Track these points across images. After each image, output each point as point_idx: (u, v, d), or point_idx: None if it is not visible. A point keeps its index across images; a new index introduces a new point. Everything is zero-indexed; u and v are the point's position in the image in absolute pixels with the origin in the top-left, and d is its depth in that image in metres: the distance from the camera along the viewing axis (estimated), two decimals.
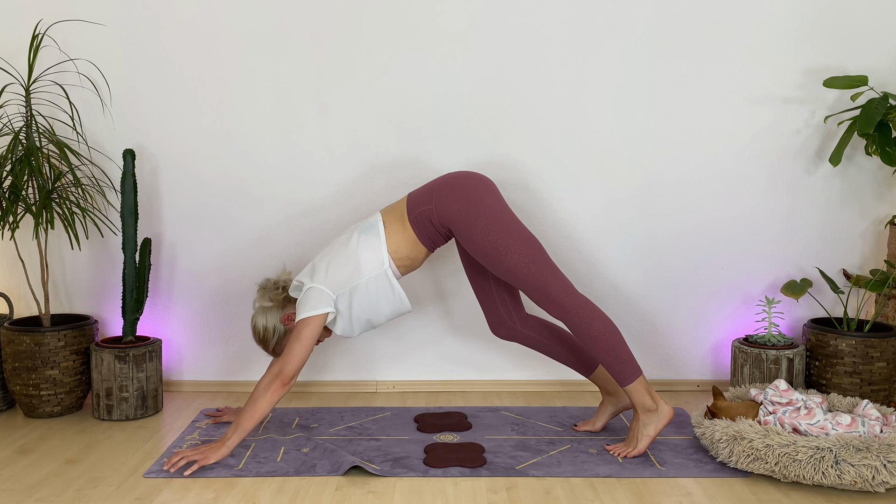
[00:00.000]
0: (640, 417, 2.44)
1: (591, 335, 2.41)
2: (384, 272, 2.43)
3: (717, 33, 3.01)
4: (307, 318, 2.38)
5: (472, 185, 2.46)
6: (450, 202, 2.43)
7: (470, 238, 2.43)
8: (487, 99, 3.03)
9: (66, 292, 3.13)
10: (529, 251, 2.41)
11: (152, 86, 3.04)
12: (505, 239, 2.40)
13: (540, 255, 2.43)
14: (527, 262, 2.41)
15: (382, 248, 2.43)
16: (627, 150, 3.06)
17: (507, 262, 2.40)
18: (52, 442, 2.60)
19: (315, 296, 2.39)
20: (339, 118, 3.04)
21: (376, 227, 2.46)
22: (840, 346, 2.81)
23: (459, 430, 2.68)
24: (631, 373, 2.41)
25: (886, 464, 2.11)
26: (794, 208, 3.09)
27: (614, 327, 2.44)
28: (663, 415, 2.43)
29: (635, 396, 2.43)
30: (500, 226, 2.41)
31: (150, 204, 3.07)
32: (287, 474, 2.31)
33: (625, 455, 2.44)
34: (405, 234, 2.46)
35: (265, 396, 2.37)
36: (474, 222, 2.41)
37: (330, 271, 2.42)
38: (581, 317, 2.41)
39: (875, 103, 2.79)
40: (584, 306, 2.42)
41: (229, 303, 3.12)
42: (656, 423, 2.43)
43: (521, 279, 2.42)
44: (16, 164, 2.74)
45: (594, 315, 2.42)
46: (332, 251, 2.47)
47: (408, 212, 2.47)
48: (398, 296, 2.47)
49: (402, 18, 3.00)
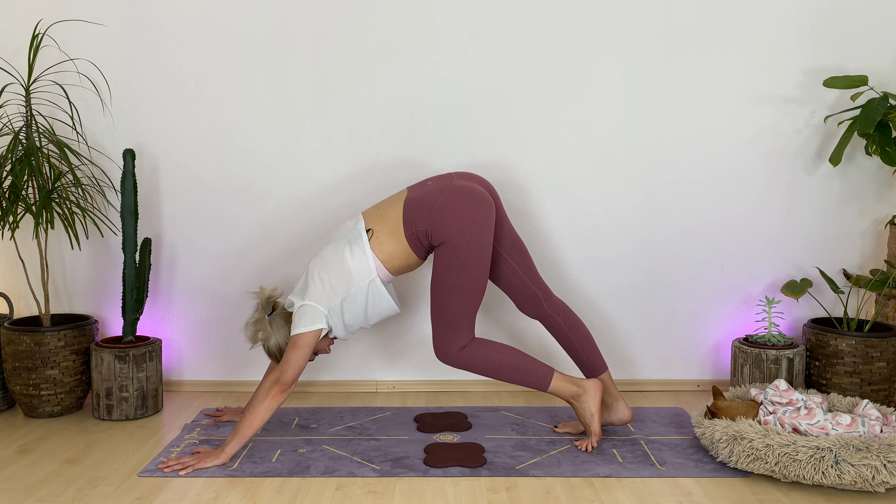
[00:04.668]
0: (577, 405, 2.51)
1: (493, 369, 2.47)
2: (373, 280, 2.45)
3: (717, 33, 3.01)
4: (302, 333, 2.42)
5: (471, 213, 2.43)
6: (447, 227, 2.41)
7: (445, 262, 2.42)
8: (487, 99, 3.03)
9: (66, 292, 3.13)
10: (474, 299, 2.45)
11: (152, 86, 3.04)
12: (467, 280, 2.42)
13: (475, 307, 2.46)
14: (461, 308, 2.43)
15: (370, 259, 2.44)
16: (627, 149, 3.06)
17: (452, 297, 2.42)
18: (52, 442, 2.60)
19: (308, 313, 2.42)
20: (339, 118, 3.04)
21: (361, 238, 2.46)
22: (840, 346, 2.81)
23: (459, 430, 2.68)
24: (543, 377, 2.48)
25: (886, 464, 2.11)
26: (793, 208, 3.09)
27: (507, 349, 2.49)
28: (591, 390, 2.50)
29: (560, 392, 2.50)
30: (474, 267, 2.42)
31: (150, 204, 3.07)
32: (281, 475, 2.31)
33: (590, 445, 2.48)
34: (399, 245, 2.46)
35: (264, 403, 2.38)
36: (459, 254, 2.41)
37: (325, 283, 2.44)
38: (476, 362, 2.46)
39: (875, 103, 2.78)
40: (476, 351, 2.46)
41: (229, 303, 3.12)
42: (592, 400, 2.50)
43: (446, 315, 2.44)
44: (16, 164, 2.74)
45: (487, 351, 2.47)
46: (322, 262, 2.48)
47: (404, 226, 2.45)
48: (386, 301, 2.49)
49: (402, 18, 3.00)
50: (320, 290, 2.44)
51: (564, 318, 2.68)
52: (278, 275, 3.09)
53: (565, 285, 3.11)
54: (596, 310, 3.12)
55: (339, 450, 2.50)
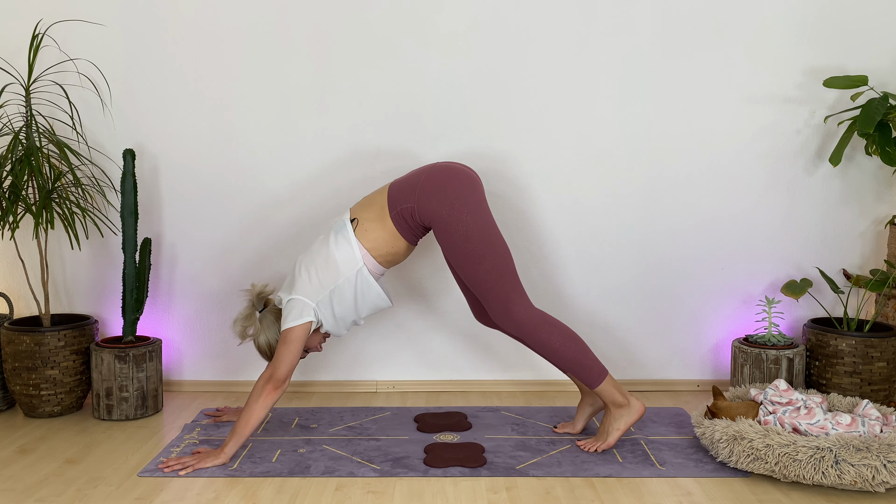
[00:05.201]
0: (612, 412, 2.49)
1: (552, 349, 2.44)
2: (360, 270, 2.43)
3: (717, 33, 3.01)
4: (290, 327, 2.41)
5: (456, 184, 2.42)
6: (432, 202, 2.40)
7: (448, 240, 2.41)
8: (487, 98, 3.03)
9: (66, 292, 3.13)
10: (501, 263, 2.41)
11: (152, 86, 3.04)
12: (482, 247, 2.39)
13: (509, 269, 2.42)
14: (496, 275, 2.41)
15: (354, 248, 2.43)
16: (627, 149, 3.06)
17: (479, 270, 2.40)
18: (52, 442, 2.60)
19: (296, 307, 2.42)
20: (339, 117, 3.04)
21: (345, 228, 2.45)
22: (840, 346, 2.81)
23: (459, 430, 2.68)
24: (597, 375, 2.46)
25: (886, 464, 2.11)
26: (793, 208, 3.09)
27: (573, 335, 2.46)
28: (634, 410, 2.48)
29: (605, 395, 2.48)
30: (479, 232, 2.40)
31: (150, 204, 3.07)
32: (281, 475, 2.31)
33: (594, 449, 2.47)
34: (385, 230, 2.44)
35: (259, 402, 2.39)
36: (455, 226, 2.39)
37: (311, 276, 2.43)
38: (539, 334, 2.43)
39: (875, 103, 2.78)
40: (541, 323, 2.43)
41: (229, 302, 3.12)
42: (627, 418, 2.48)
43: (486, 290, 2.42)
44: (16, 164, 2.74)
45: (552, 329, 2.44)
46: (309, 255, 2.48)
47: (389, 207, 2.44)
48: (375, 291, 2.47)
49: (402, 18, 3.00)
50: (307, 284, 2.43)
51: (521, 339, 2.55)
52: (278, 274, 3.09)
53: (565, 284, 3.11)
54: (596, 309, 3.12)
55: (339, 450, 2.50)
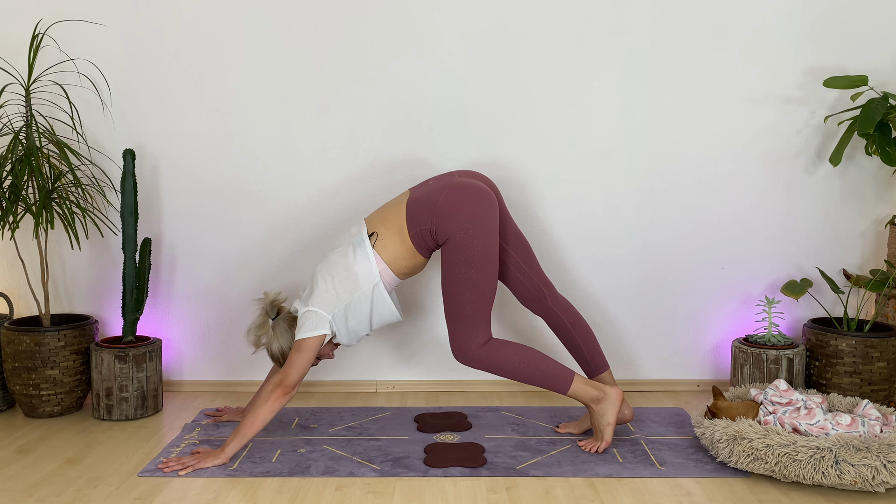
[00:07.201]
0: (595, 409, 2.49)
1: (512, 370, 2.46)
2: (377, 285, 2.44)
3: (717, 33, 3.01)
4: (305, 338, 2.42)
5: (475, 208, 2.43)
6: (449, 222, 2.42)
7: (452, 258, 2.42)
8: (487, 99, 3.03)
9: (66, 292, 3.13)
10: (486, 294, 2.43)
11: (152, 86, 3.04)
12: (476, 275, 2.41)
13: (488, 302, 2.45)
14: (474, 305, 2.42)
15: (373, 263, 2.44)
16: (627, 150, 3.06)
17: (463, 294, 2.42)
18: (52, 442, 2.60)
19: (312, 318, 2.43)
20: (340, 118, 3.04)
21: (364, 243, 2.46)
22: (840, 346, 2.81)
23: (459, 430, 2.68)
24: (564, 380, 2.46)
25: (886, 464, 2.11)
26: (793, 208, 3.09)
27: (528, 351, 2.47)
28: (613, 398, 2.49)
29: (581, 396, 2.48)
30: (482, 260, 2.42)
31: (150, 204, 3.07)
32: (281, 475, 2.31)
33: (596, 449, 2.47)
34: (403, 247, 2.46)
35: (266, 405, 2.39)
36: (464, 249, 2.41)
37: (329, 288, 2.44)
38: (494, 362, 2.44)
39: (875, 103, 2.78)
40: (495, 351, 2.44)
41: (230, 303, 3.12)
42: (611, 409, 2.48)
43: (459, 313, 2.43)
44: (16, 164, 2.74)
45: (506, 352, 2.45)
46: (327, 267, 2.48)
47: (408, 226, 2.45)
48: (388, 307, 2.49)
49: (402, 18, 3.00)
50: (325, 296, 2.44)
51: (568, 315, 2.68)
52: (278, 274, 3.09)
53: (566, 285, 3.11)
54: (596, 309, 3.12)
55: (339, 450, 2.50)
